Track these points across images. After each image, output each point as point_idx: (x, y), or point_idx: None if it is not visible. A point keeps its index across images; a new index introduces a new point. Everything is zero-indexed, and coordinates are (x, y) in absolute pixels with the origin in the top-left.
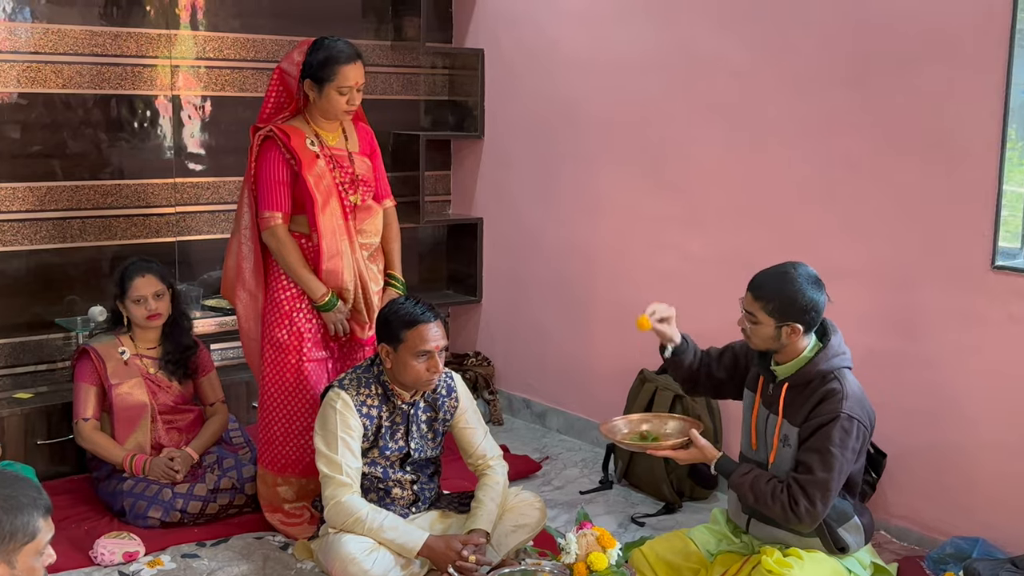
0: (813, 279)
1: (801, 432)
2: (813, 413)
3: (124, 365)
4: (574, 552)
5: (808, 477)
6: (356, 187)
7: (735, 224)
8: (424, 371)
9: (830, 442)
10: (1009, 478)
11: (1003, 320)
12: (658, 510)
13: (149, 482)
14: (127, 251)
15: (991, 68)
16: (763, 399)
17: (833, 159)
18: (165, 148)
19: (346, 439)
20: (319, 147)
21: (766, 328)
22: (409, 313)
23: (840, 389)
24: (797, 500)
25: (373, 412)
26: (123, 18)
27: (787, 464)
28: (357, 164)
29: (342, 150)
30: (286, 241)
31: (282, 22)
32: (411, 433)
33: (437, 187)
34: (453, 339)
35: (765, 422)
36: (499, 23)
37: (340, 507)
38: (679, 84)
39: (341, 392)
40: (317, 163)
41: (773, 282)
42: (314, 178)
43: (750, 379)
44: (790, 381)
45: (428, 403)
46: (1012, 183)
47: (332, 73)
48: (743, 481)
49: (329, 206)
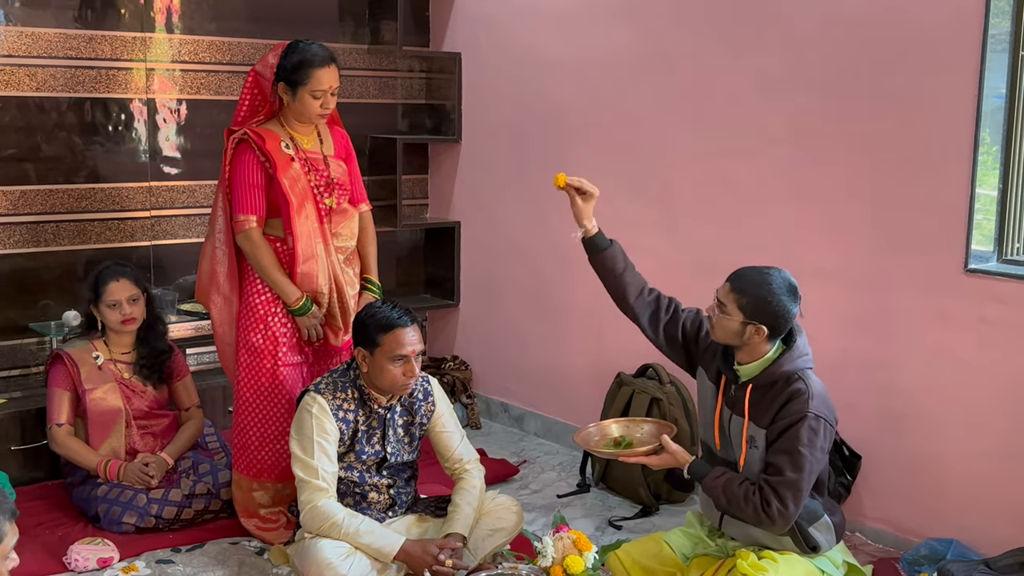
0: (791, 287)
1: (768, 434)
2: (780, 414)
3: (98, 370)
4: (550, 555)
5: (779, 478)
6: (331, 190)
7: (710, 227)
8: (400, 375)
9: (799, 442)
10: (982, 480)
11: (976, 323)
12: (635, 513)
13: (124, 487)
14: (102, 255)
15: (963, 73)
16: (725, 399)
17: (807, 162)
18: (140, 152)
19: (322, 443)
20: (294, 150)
21: (733, 321)
22: (386, 317)
23: (805, 389)
24: (769, 502)
25: (349, 416)
26: (97, 21)
27: (757, 466)
28: (332, 167)
29: (317, 153)
30: (260, 244)
31: (258, 25)
32: (387, 437)
33: (414, 191)
34: (431, 343)
35: (729, 422)
36: (476, 27)
37: (316, 512)
38: (655, 87)
39: (317, 396)
40: (292, 166)
41: (753, 279)
42: (289, 180)
43: (712, 373)
44: (754, 382)
45: (404, 407)
46: (985, 187)
47: (306, 77)
48: (715, 484)
49: (304, 209)
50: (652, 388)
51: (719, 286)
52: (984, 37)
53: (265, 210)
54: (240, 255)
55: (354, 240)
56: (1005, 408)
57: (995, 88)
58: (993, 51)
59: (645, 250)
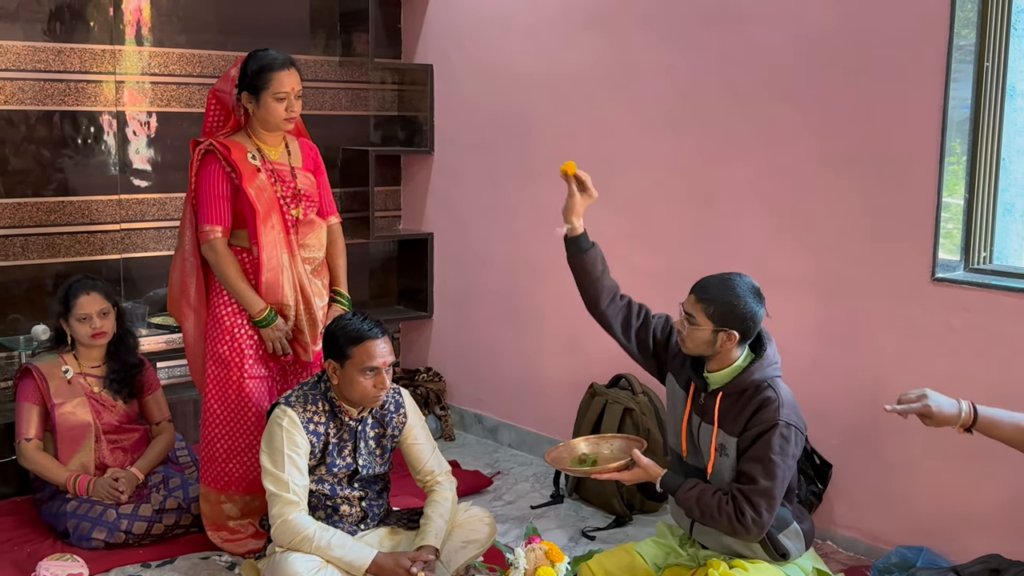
0: (755, 290)
1: (740, 442)
2: (751, 423)
3: (67, 384)
4: (522, 567)
5: (751, 487)
6: (298, 201)
7: (681, 237)
8: (371, 387)
9: (770, 450)
10: (952, 488)
11: (943, 331)
12: (608, 524)
13: (93, 503)
14: (71, 269)
15: (930, 83)
16: (695, 406)
17: (777, 172)
18: (110, 164)
19: (292, 456)
20: (260, 161)
21: (703, 332)
22: (356, 329)
23: (776, 397)
24: (743, 511)
25: (320, 429)
26: (67, 34)
27: (726, 473)
28: (299, 179)
29: (284, 165)
30: (224, 255)
31: (229, 37)
32: (359, 450)
33: (387, 202)
34: (404, 354)
35: (698, 429)
36: (448, 39)
37: (287, 526)
38: (626, 98)
39: (287, 409)
40: (258, 176)
41: (717, 287)
42: (255, 190)
43: (682, 380)
44: (724, 390)
45: (376, 419)
46: (952, 196)
47: (267, 81)
48: (688, 497)
49: (270, 219)
50: (625, 398)
51: (686, 299)
52: (949, 48)
53: (231, 221)
54: (208, 267)
55: (322, 251)
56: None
57: (961, 99)
58: (959, 62)
59: (617, 260)
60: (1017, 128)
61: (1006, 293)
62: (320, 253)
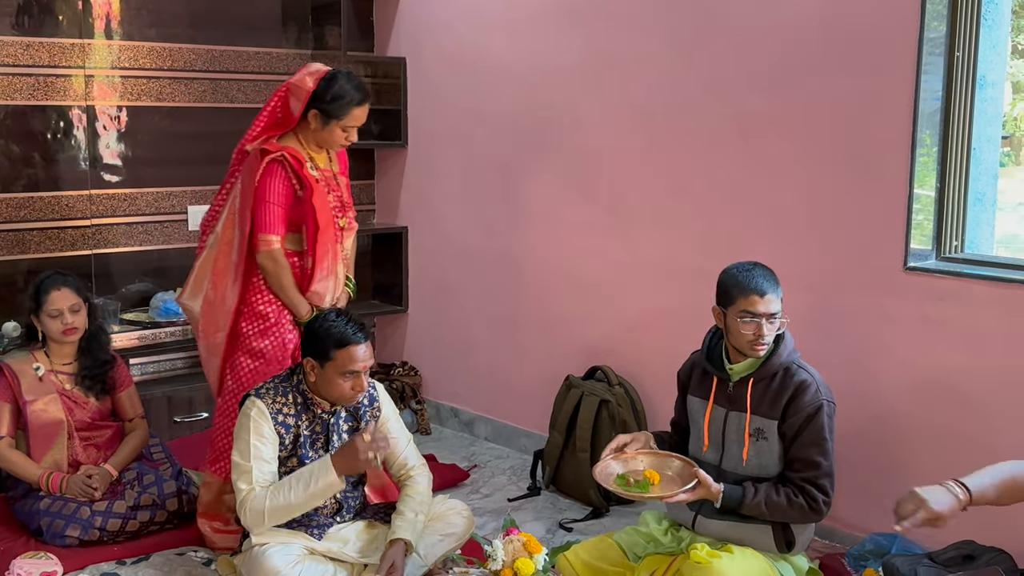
0: None
1: (785, 428)
2: (792, 407)
3: (39, 381)
4: (500, 559)
5: (816, 472)
6: (344, 211)
7: (657, 229)
8: (349, 389)
9: (823, 431)
10: (924, 475)
11: (916, 320)
12: (586, 515)
13: (67, 500)
14: (42, 265)
15: (901, 75)
16: (720, 399)
17: (751, 164)
18: (80, 159)
19: (258, 447)
20: (317, 171)
21: (779, 321)
22: (341, 332)
23: (811, 379)
24: (815, 497)
25: (290, 421)
26: (35, 27)
27: (764, 457)
28: (343, 184)
29: (330, 172)
30: (284, 265)
31: (200, 31)
32: (332, 443)
33: (361, 196)
34: (380, 349)
35: (723, 421)
36: (421, 32)
37: (252, 512)
38: (601, 91)
39: (257, 400)
40: (320, 188)
41: (770, 275)
42: (319, 202)
43: (694, 387)
44: (755, 377)
45: (349, 412)
46: (924, 187)
47: (343, 113)
48: (755, 504)
49: (327, 232)
50: (601, 390)
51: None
52: (920, 40)
53: (286, 229)
54: (250, 266)
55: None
56: (944, 403)
57: (932, 90)
58: (929, 53)
59: (593, 253)
60: (987, 118)
61: (977, 281)
62: (351, 254)
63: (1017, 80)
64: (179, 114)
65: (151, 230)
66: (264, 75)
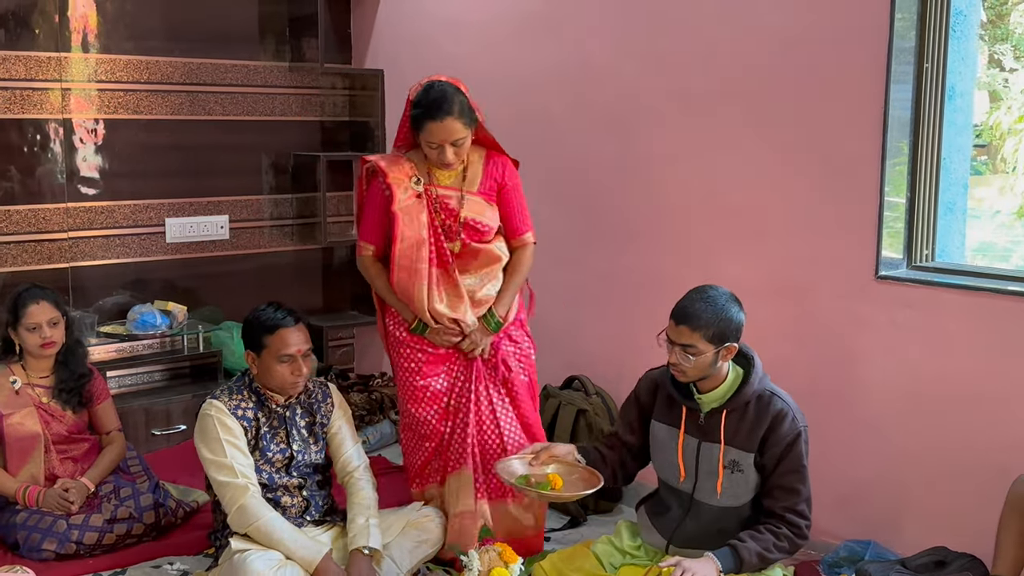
0: (733, 297)
1: (765, 460)
2: (772, 440)
3: (15, 395)
4: (476, 568)
5: (796, 499)
6: (456, 234)
7: (631, 240)
8: (289, 374)
9: (801, 458)
10: (897, 482)
11: (887, 327)
12: (564, 524)
13: (43, 514)
14: (19, 278)
15: (871, 84)
16: (690, 429)
17: (724, 172)
18: (57, 172)
19: (230, 440)
20: (424, 186)
21: (706, 357)
22: (270, 319)
23: (787, 408)
24: (798, 525)
25: (249, 414)
26: (11, 41)
27: (739, 487)
28: (467, 207)
29: (454, 190)
30: (373, 272)
31: (177, 44)
32: (292, 436)
33: (339, 207)
34: (358, 360)
35: (696, 452)
36: (398, 43)
37: (243, 511)
38: (576, 101)
39: (213, 401)
40: (409, 201)
41: (706, 309)
42: (403, 214)
43: (659, 412)
44: (727, 407)
45: (304, 408)
46: (896, 196)
47: (419, 127)
48: (751, 562)
49: (417, 249)
50: (578, 400)
51: (669, 332)
52: (890, 50)
53: (383, 238)
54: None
55: (488, 285)
56: (916, 411)
57: (902, 99)
58: (899, 63)
59: (570, 263)
60: (957, 128)
61: (947, 290)
62: (484, 290)
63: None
64: (156, 127)
65: (128, 243)
66: (241, 87)
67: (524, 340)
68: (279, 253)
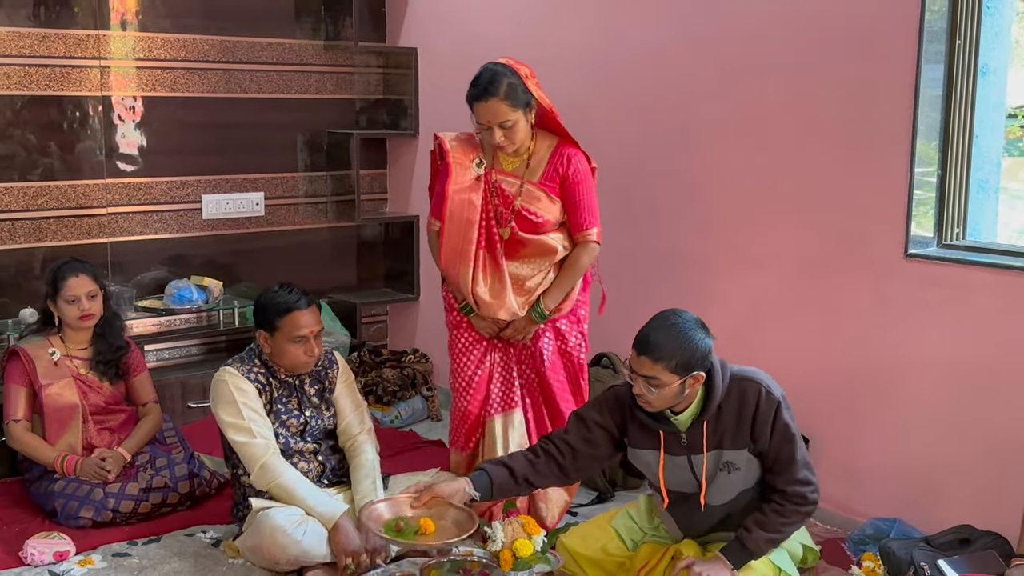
0: (699, 323)
1: (759, 446)
2: (757, 426)
3: (54, 366)
4: (500, 540)
5: (793, 470)
6: (507, 220)
7: (660, 216)
8: (302, 354)
9: (788, 427)
10: (924, 460)
11: (915, 307)
12: (591, 500)
13: (81, 482)
14: (58, 253)
15: (902, 62)
16: (675, 451)
17: (753, 151)
18: (96, 149)
19: (246, 402)
20: (486, 170)
21: (671, 388)
22: (283, 301)
23: (757, 384)
24: (802, 496)
25: (261, 379)
26: (51, 19)
27: (735, 488)
28: (524, 195)
29: (515, 178)
30: (435, 248)
31: (213, 22)
32: (304, 402)
33: (373, 186)
34: (391, 336)
35: (689, 466)
36: (432, 22)
37: (265, 469)
38: (608, 79)
39: (225, 368)
40: (465, 182)
41: (668, 339)
42: (453, 194)
43: (636, 438)
44: (704, 419)
45: (312, 377)
46: (926, 175)
47: (471, 107)
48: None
49: (466, 231)
50: (607, 376)
51: (631, 363)
52: (921, 27)
53: None
54: None
55: (538, 276)
56: (943, 391)
57: (933, 78)
58: (930, 42)
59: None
60: (990, 105)
61: (978, 268)
62: (534, 280)
63: None
64: (193, 104)
65: (166, 219)
66: (277, 65)
67: (572, 336)
68: (313, 230)
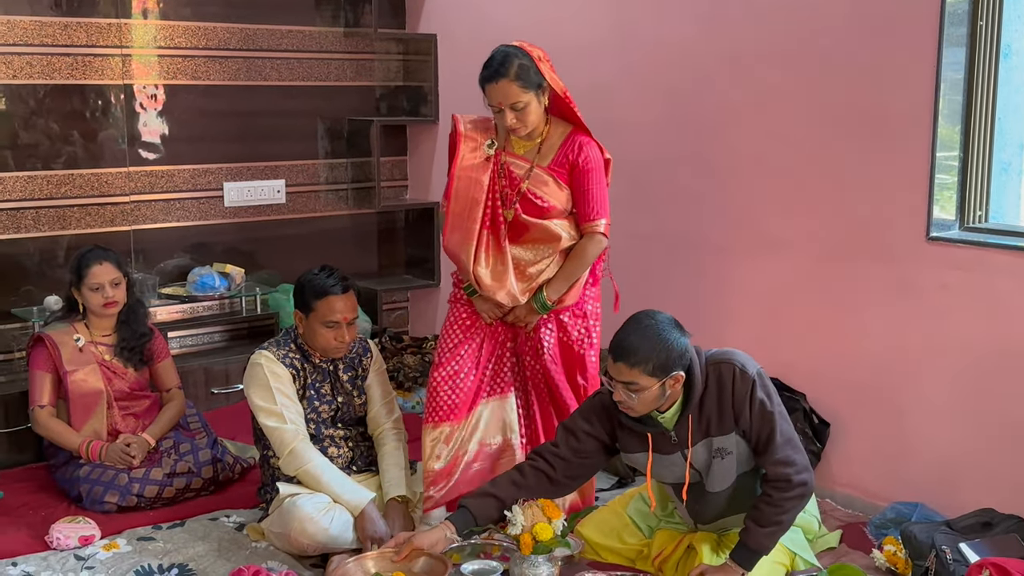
0: (673, 323)
1: (742, 426)
2: (736, 406)
3: (79, 352)
4: (520, 523)
5: (772, 449)
6: (512, 202)
7: (679, 201)
8: (333, 339)
9: (766, 404)
10: (946, 444)
11: (937, 290)
12: (612, 484)
13: (106, 468)
14: (82, 240)
15: (923, 44)
16: (666, 450)
17: (773, 135)
18: (118, 138)
19: (279, 387)
20: (496, 151)
21: (651, 391)
22: (321, 284)
23: (730, 365)
24: (786, 477)
25: (296, 363)
26: (73, 8)
27: (730, 473)
28: (532, 179)
29: (525, 161)
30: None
31: (234, 10)
32: (336, 388)
33: (393, 172)
34: (412, 323)
35: (685, 460)
36: (451, 9)
37: (294, 455)
38: (627, 65)
39: (261, 351)
40: (473, 161)
41: (643, 342)
42: (460, 172)
43: (627, 443)
44: (687, 412)
45: (347, 363)
46: (948, 157)
47: (482, 89)
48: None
49: (470, 212)
50: None
51: (609, 369)
52: (942, 11)
53: None
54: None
55: (542, 263)
56: (965, 374)
57: (955, 60)
58: (951, 24)
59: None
60: (1013, 87)
61: (1000, 251)
62: (537, 266)
63: None
64: (214, 92)
65: (188, 206)
66: (297, 53)
67: (575, 330)
68: (334, 217)
